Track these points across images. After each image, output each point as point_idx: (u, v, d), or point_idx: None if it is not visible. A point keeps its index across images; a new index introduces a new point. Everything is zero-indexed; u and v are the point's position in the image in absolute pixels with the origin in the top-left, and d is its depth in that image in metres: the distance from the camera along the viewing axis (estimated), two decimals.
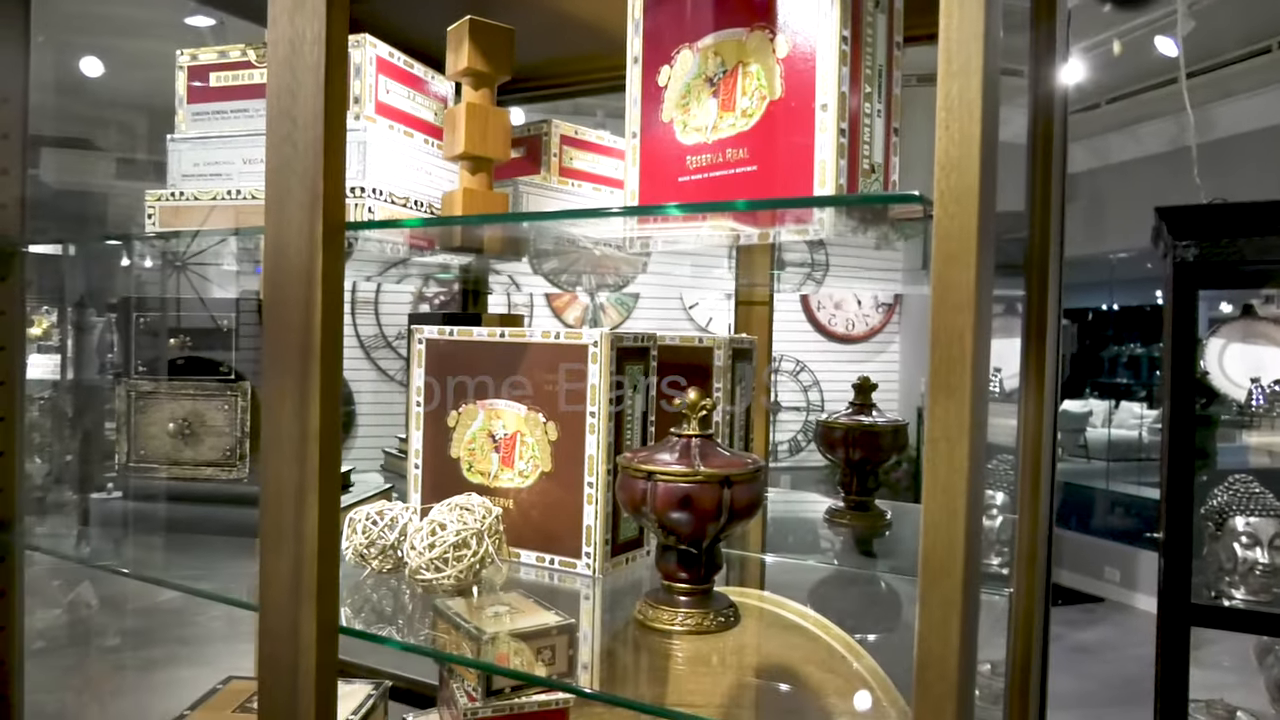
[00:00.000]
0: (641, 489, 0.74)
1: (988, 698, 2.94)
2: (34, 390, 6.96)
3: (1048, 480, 1.11)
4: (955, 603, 0.51)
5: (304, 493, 0.72)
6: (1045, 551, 1.20)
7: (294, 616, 0.73)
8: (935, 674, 0.51)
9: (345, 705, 1.10)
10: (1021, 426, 1.07)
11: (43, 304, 6.73)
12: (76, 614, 3.68)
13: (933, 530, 0.52)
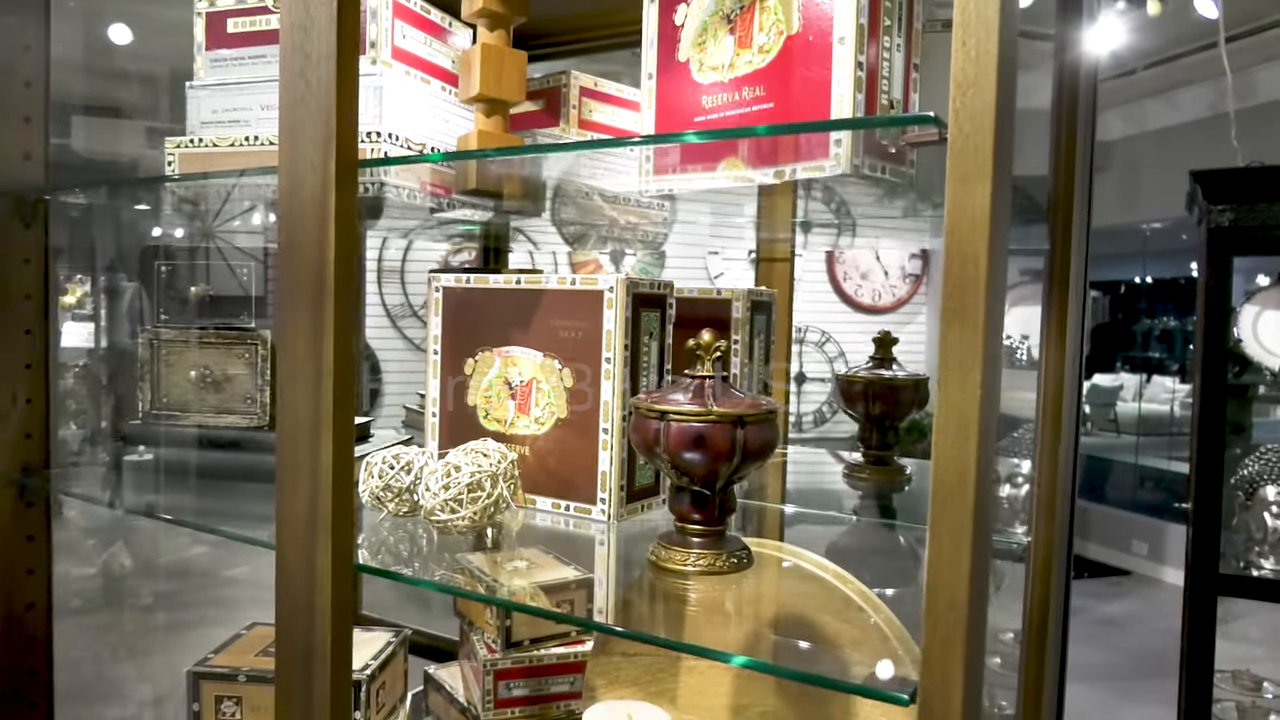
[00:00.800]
0: (655, 429, 0.74)
1: (1010, 665, 2.93)
2: (69, 358, 7.08)
3: (1068, 447, 1.09)
4: (965, 529, 0.50)
5: (318, 428, 0.73)
6: (1067, 519, 1.19)
7: (310, 551, 0.74)
8: (945, 602, 0.51)
9: (365, 651, 1.12)
10: (1041, 387, 1.05)
11: (75, 272, 6.83)
12: (110, 574, 3.76)
13: (944, 457, 0.52)
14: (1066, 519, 1.20)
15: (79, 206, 4.26)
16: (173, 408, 1.07)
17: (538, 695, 1.38)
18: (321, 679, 0.73)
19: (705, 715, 1.06)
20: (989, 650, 3.30)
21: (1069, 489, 1.17)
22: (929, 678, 0.51)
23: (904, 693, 0.54)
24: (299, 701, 0.75)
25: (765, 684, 1.02)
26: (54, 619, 1.11)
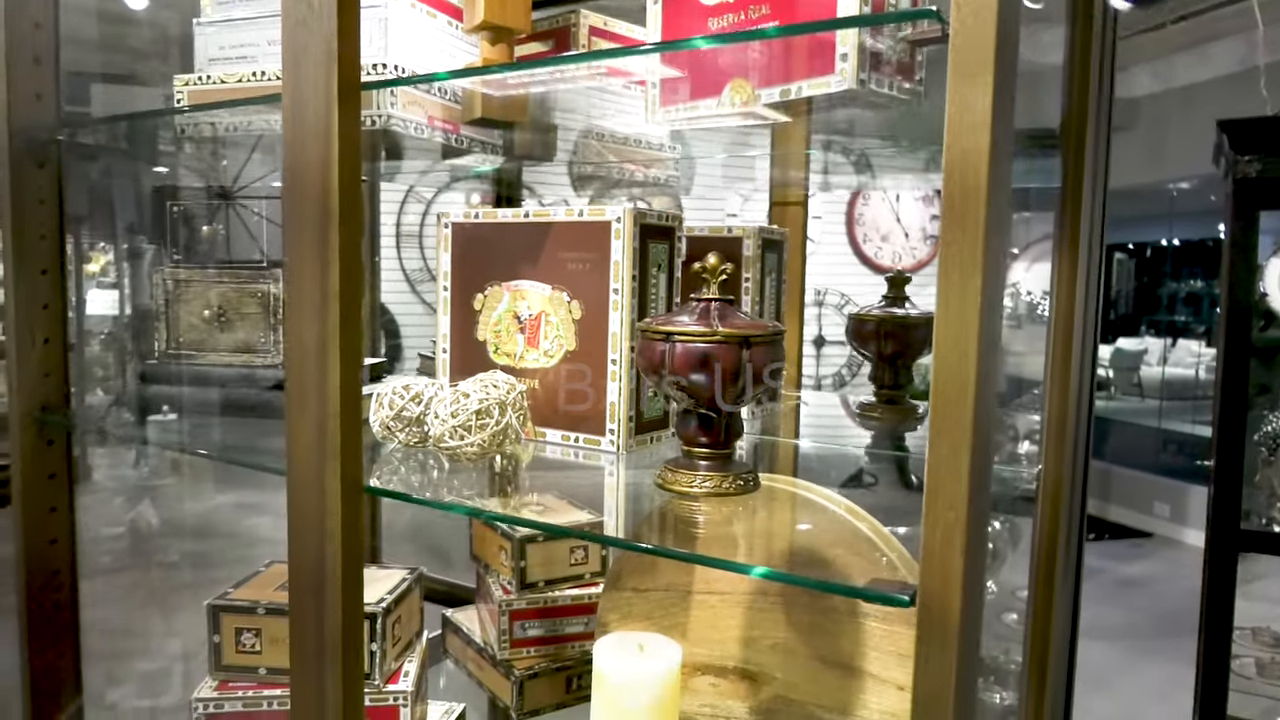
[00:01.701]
0: (660, 351, 0.74)
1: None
2: (94, 325, 7.16)
3: (1079, 404, 1.08)
4: (965, 431, 0.50)
5: (325, 352, 0.73)
6: (1080, 479, 1.18)
7: (319, 473, 0.74)
8: (944, 502, 0.51)
9: (380, 586, 1.14)
10: (1050, 345, 1.04)
11: (98, 240, 6.89)
12: (138, 532, 3.83)
13: (944, 361, 0.51)
14: (1079, 479, 1.19)
15: (97, 168, 4.29)
16: (188, 347, 1.09)
17: (552, 636, 1.40)
18: (333, 601, 0.75)
19: (716, 648, 1.07)
20: (1005, 607, 3.30)
21: (1080, 448, 1.16)
22: (929, 578, 0.51)
23: (905, 594, 0.54)
24: (312, 623, 0.76)
25: (775, 617, 1.03)
26: (81, 574, 1.14)
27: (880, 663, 0.96)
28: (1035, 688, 1.07)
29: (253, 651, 1.09)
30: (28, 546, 1.11)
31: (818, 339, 6.60)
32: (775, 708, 1.03)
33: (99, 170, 4.50)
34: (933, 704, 0.51)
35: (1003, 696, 2.96)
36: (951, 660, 0.50)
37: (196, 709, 1.07)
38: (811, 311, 6.73)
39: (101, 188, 5.28)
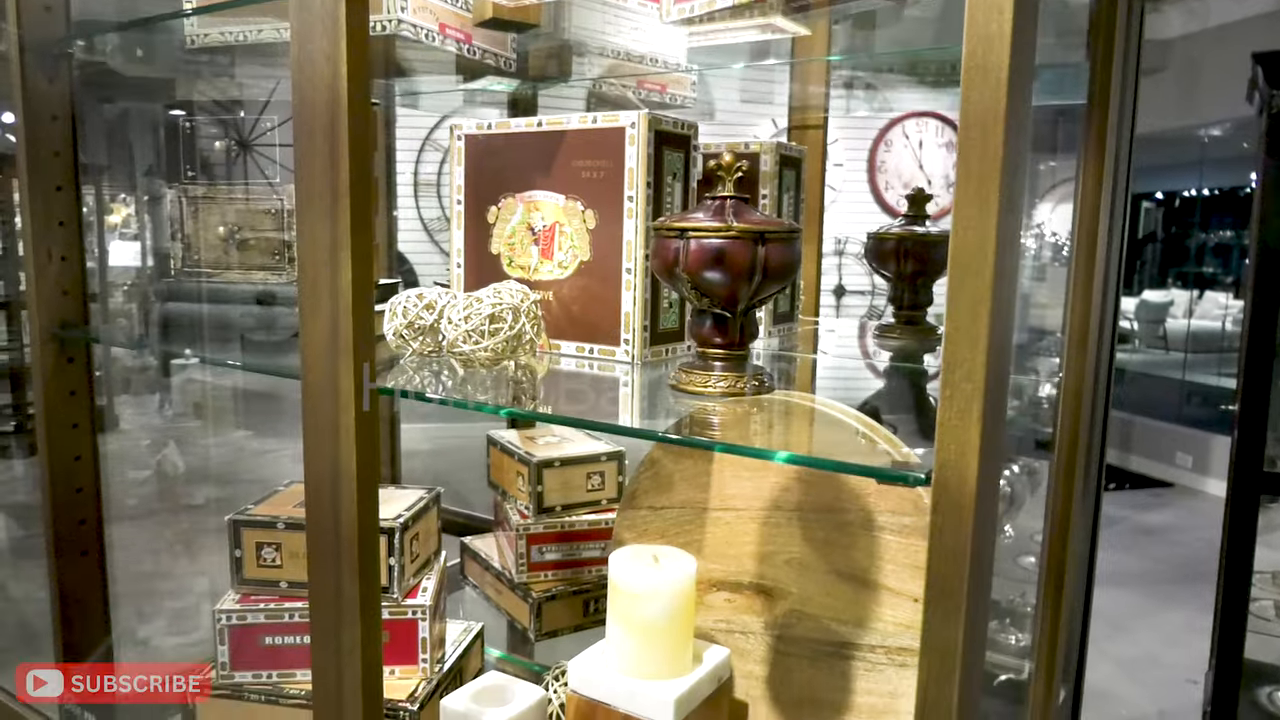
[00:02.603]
0: (674, 249, 0.73)
1: None
2: (117, 277, 7.21)
3: (1096, 348, 1.06)
4: (984, 300, 0.49)
5: (337, 249, 0.73)
6: (1099, 425, 1.17)
7: (333, 372, 0.74)
8: (962, 374, 0.50)
9: (398, 504, 1.15)
10: (1069, 292, 1.02)
11: (119, 192, 6.92)
12: (164, 476, 3.89)
13: (963, 225, 0.50)
14: (1098, 427, 1.18)
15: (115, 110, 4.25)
16: (204, 265, 1.09)
17: (569, 560, 1.41)
18: (349, 498, 0.75)
19: (731, 564, 1.07)
20: (1022, 550, 3.30)
21: (1100, 395, 1.14)
22: (945, 450, 0.50)
23: (920, 472, 0.53)
24: (329, 520, 0.76)
25: (790, 532, 1.03)
26: (110, 518, 1.15)
27: (896, 576, 0.96)
28: (1049, 631, 1.07)
29: (273, 566, 1.11)
30: (52, 463, 1.12)
31: (838, 288, 6.55)
32: (790, 622, 1.04)
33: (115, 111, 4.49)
34: (947, 575, 0.50)
35: (1019, 638, 2.97)
36: (967, 532, 0.49)
37: (220, 620, 1.09)
38: (831, 261, 6.67)
39: (119, 135, 5.28)
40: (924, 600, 0.51)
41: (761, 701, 1.06)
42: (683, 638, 0.96)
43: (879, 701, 0.98)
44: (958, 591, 0.50)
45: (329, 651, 0.78)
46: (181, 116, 1.07)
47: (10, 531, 4.06)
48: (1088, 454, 1.12)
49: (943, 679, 0.52)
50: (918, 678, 0.52)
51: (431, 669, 1.12)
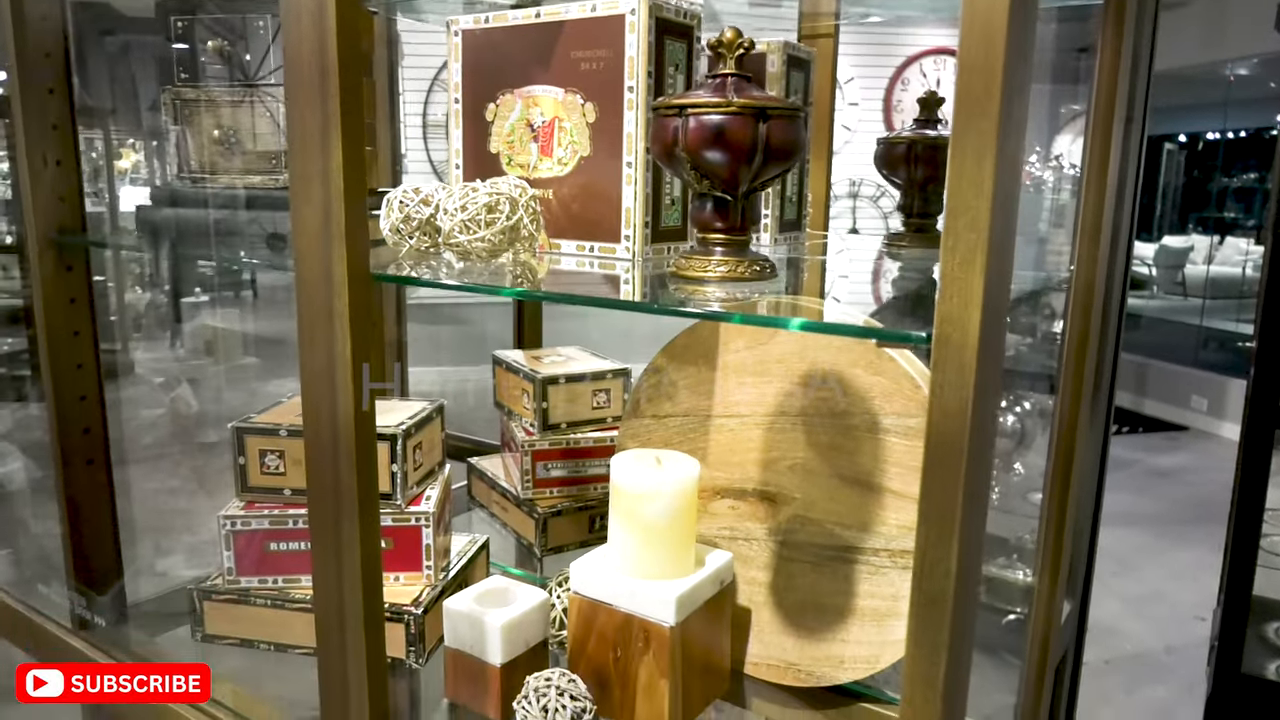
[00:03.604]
0: (673, 128, 0.71)
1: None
2: (130, 224, 7.16)
3: (1106, 298, 1.03)
4: (989, 136, 0.47)
5: (327, 132, 0.71)
6: (1108, 367, 1.14)
7: (326, 260, 0.73)
8: (966, 222, 0.48)
9: (401, 414, 1.14)
10: (1077, 238, 0.98)
11: (129, 137, 6.87)
12: (177, 414, 3.92)
13: (969, 55, 0.47)
14: (1108, 366, 1.16)
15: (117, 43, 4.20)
16: (199, 170, 1.07)
17: (575, 477, 1.41)
18: (344, 385, 0.74)
19: (735, 471, 1.07)
20: (1031, 487, 3.29)
21: (1109, 336, 1.12)
22: (946, 303, 0.48)
23: (922, 332, 0.51)
24: (325, 414, 0.76)
25: (794, 437, 1.02)
26: (127, 457, 1.15)
27: (901, 479, 0.95)
28: (1050, 569, 1.06)
29: (276, 473, 1.11)
30: (54, 372, 1.12)
31: (851, 230, 6.47)
32: (794, 527, 1.03)
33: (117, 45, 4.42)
34: (947, 433, 0.49)
35: (1026, 574, 2.98)
36: (968, 389, 0.48)
37: (224, 525, 1.09)
38: (845, 204, 6.59)
39: (124, 78, 5.22)
40: (923, 462, 0.50)
41: (765, 607, 1.06)
42: (685, 539, 0.96)
43: (882, 604, 0.98)
44: (958, 450, 0.49)
45: (328, 543, 0.78)
46: (175, 18, 1.05)
47: (30, 472, 4.11)
48: (1094, 393, 1.10)
49: (942, 541, 0.51)
50: (915, 541, 0.51)
51: (436, 576, 1.12)
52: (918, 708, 0.53)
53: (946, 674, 0.52)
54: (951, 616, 0.51)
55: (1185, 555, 4.08)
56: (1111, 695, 3.01)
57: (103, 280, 6.26)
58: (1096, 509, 1.32)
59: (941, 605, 0.51)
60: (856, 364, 0.97)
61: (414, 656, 1.06)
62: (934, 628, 0.51)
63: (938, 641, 0.51)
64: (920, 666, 0.52)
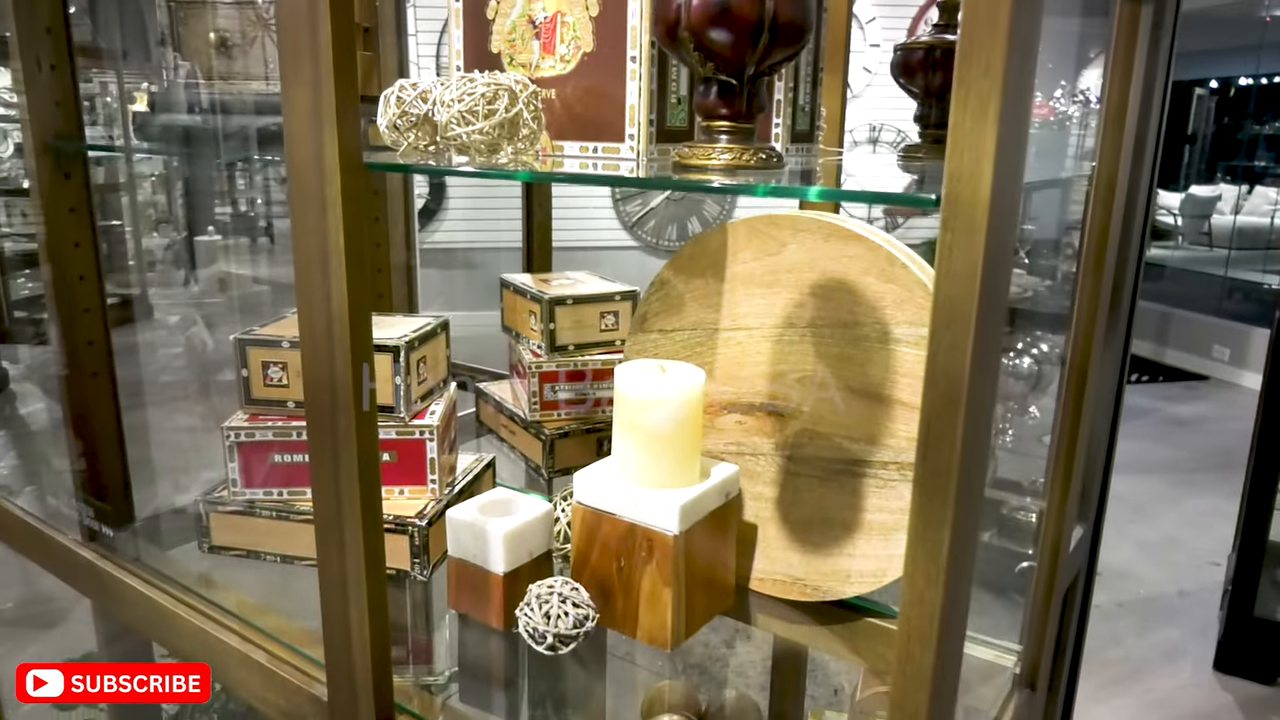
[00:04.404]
0: (675, 6, 0.68)
1: None
2: (145, 168, 7.18)
3: (1122, 245, 0.99)
4: (996, 78, 0.44)
5: (315, 6, 0.68)
6: (1123, 318, 1.11)
7: (317, 144, 0.71)
8: (979, 69, 0.45)
9: (405, 327, 1.13)
10: (1096, 170, 0.94)
11: (142, 81, 6.81)
12: (193, 350, 3.94)
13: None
14: (1124, 316, 1.12)
15: None
16: (195, 75, 1.04)
17: (582, 399, 1.39)
18: (338, 271, 0.72)
19: (743, 385, 1.05)
20: (1048, 429, 3.27)
21: (1126, 284, 1.09)
22: (956, 159, 0.46)
23: (931, 195, 0.49)
24: (319, 301, 0.74)
25: (803, 349, 1.00)
26: (146, 399, 1.14)
27: (911, 389, 0.93)
28: (1061, 483, 1.03)
29: (280, 385, 1.10)
30: (56, 284, 1.11)
31: None
32: (801, 442, 1.01)
33: None
34: (956, 298, 0.46)
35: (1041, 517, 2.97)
36: (979, 250, 0.46)
37: (228, 436, 1.09)
38: (865, 150, 6.48)
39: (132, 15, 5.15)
40: (930, 329, 0.48)
41: (771, 522, 1.04)
42: (689, 449, 0.94)
43: (889, 518, 0.96)
44: (966, 316, 0.47)
45: (325, 441, 0.77)
46: None
47: (52, 413, 4.16)
48: (1109, 336, 1.07)
49: (946, 414, 0.49)
50: (920, 412, 0.49)
51: (441, 491, 1.12)
52: (919, 585, 0.51)
53: (950, 554, 0.50)
54: (956, 490, 0.49)
55: (1201, 503, 4.05)
56: (1122, 637, 3.01)
57: (120, 225, 6.27)
58: (1109, 454, 1.30)
59: (945, 478, 0.49)
60: (868, 272, 0.94)
61: (418, 569, 1.06)
62: (939, 499, 0.50)
63: (941, 517, 0.50)
64: (922, 545, 0.51)
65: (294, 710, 0.91)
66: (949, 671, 0.56)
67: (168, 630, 1.04)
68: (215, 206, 6.46)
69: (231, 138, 1.04)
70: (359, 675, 0.82)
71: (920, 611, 0.51)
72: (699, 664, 1.16)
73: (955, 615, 0.54)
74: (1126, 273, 1.09)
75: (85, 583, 1.15)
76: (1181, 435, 4.93)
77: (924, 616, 0.51)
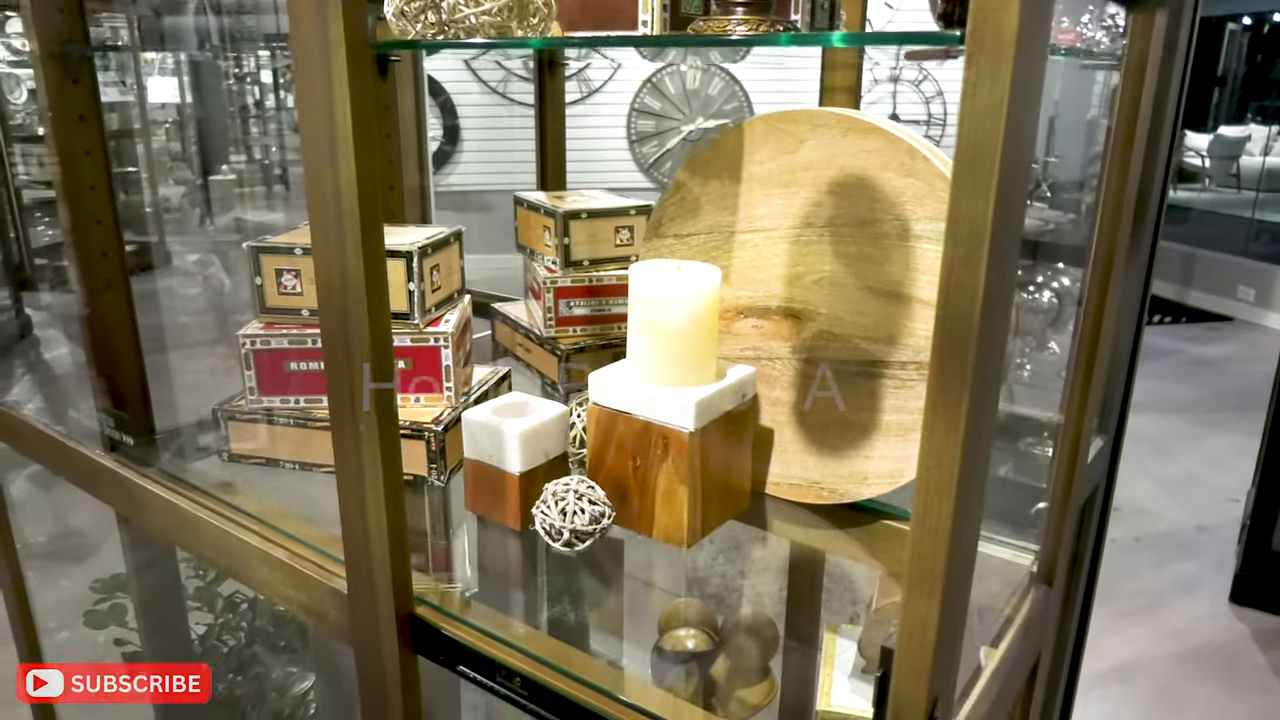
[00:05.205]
0: None
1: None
2: (159, 115, 7.15)
3: (1143, 186, 0.95)
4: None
5: None
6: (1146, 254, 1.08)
7: (322, 21, 0.69)
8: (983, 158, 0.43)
9: (418, 235, 1.12)
10: (1114, 120, 0.90)
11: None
12: (211, 289, 3.96)
13: None
14: (1144, 255, 1.09)
15: None
16: None
17: (597, 315, 1.39)
18: (346, 159, 0.71)
19: (759, 288, 1.04)
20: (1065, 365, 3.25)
21: (1148, 219, 1.05)
22: (980, 15, 0.44)
23: (957, 32, 0.47)
24: (328, 184, 0.73)
25: (821, 249, 0.98)
26: (167, 341, 1.14)
27: (932, 286, 0.92)
28: (1081, 391, 1.01)
29: (294, 293, 1.10)
30: (68, 195, 1.11)
31: (891, 116, 6.26)
32: (819, 344, 1.00)
33: None
34: (979, 132, 0.45)
35: None
36: (1004, 82, 0.44)
37: (244, 344, 1.09)
38: (886, 88, 6.36)
39: None
40: (953, 169, 0.46)
41: (788, 427, 1.04)
42: (705, 347, 0.93)
43: (907, 419, 0.96)
44: (990, 157, 0.45)
45: (335, 315, 0.76)
46: None
47: (76, 356, 4.20)
48: (1127, 275, 1.04)
49: (970, 260, 0.48)
50: (942, 258, 0.48)
51: (457, 399, 1.12)
52: (938, 439, 0.50)
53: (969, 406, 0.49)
54: (976, 343, 0.48)
55: (1222, 441, 4.03)
56: (1139, 570, 3.02)
57: (135, 171, 6.27)
58: (1127, 390, 1.28)
59: (968, 321, 0.48)
60: (888, 167, 0.92)
61: (435, 474, 1.07)
62: (959, 353, 0.49)
63: (961, 368, 0.49)
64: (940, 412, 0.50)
65: (315, 605, 0.92)
66: (964, 550, 0.56)
67: (190, 535, 1.05)
68: (230, 151, 6.44)
69: (236, 38, 1.02)
70: (377, 566, 0.83)
71: (940, 464, 0.50)
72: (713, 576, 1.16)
73: (973, 477, 0.53)
74: (1148, 213, 1.06)
75: (108, 492, 1.16)
76: (1204, 375, 4.88)
77: (943, 470, 0.51)
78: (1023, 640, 0.86)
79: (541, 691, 0.79)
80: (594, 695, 0.76)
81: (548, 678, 0.78)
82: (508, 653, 0.81)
